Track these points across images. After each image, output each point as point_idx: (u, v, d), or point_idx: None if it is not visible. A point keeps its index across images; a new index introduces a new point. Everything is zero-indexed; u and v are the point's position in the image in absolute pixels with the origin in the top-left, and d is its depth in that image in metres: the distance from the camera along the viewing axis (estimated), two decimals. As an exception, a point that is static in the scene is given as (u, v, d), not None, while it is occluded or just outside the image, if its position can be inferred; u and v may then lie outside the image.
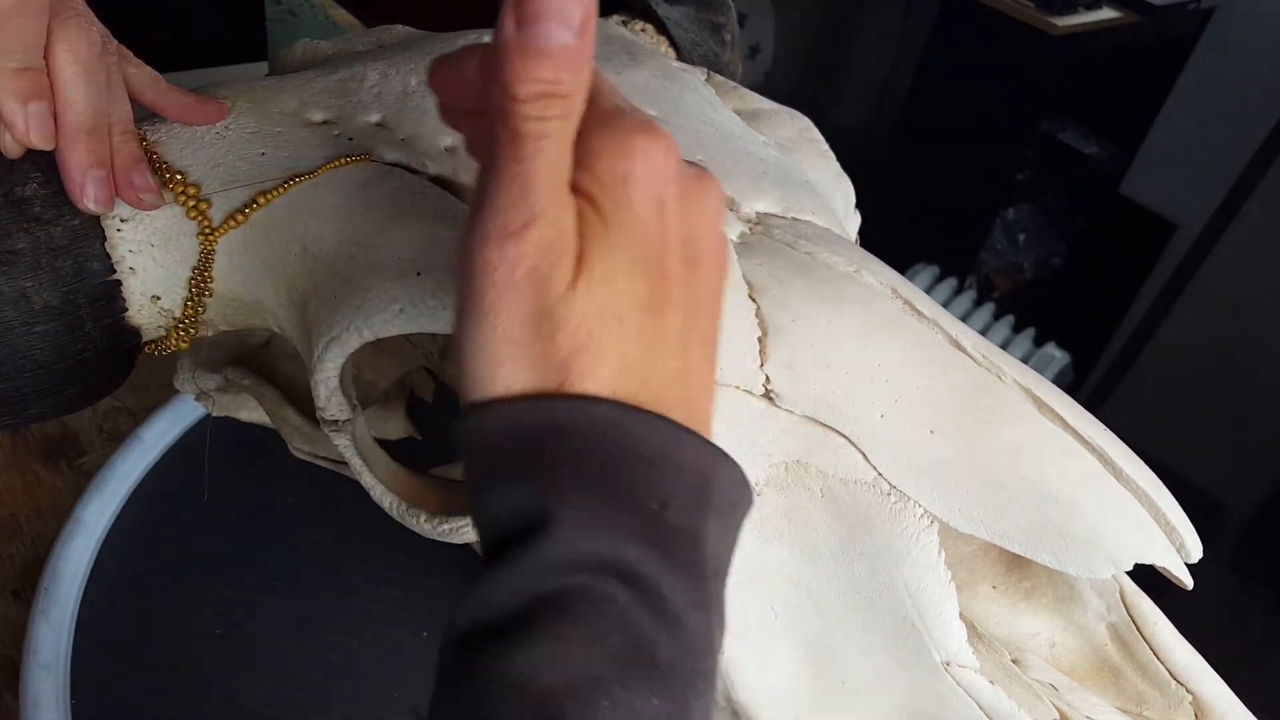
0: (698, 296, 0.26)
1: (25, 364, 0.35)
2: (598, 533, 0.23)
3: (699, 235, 0.26)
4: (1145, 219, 1.77)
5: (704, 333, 0.27)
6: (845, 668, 0.37)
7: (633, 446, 0.24)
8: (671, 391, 0.25)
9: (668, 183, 0.25)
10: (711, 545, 0.25)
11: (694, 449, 0.25)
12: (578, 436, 0.24)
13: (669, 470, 0.24)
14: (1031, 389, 0.36)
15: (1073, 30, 1.53)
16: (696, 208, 0.26)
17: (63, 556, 0.52)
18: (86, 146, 0.34)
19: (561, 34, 0.23)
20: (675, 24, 0.53)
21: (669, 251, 0.25)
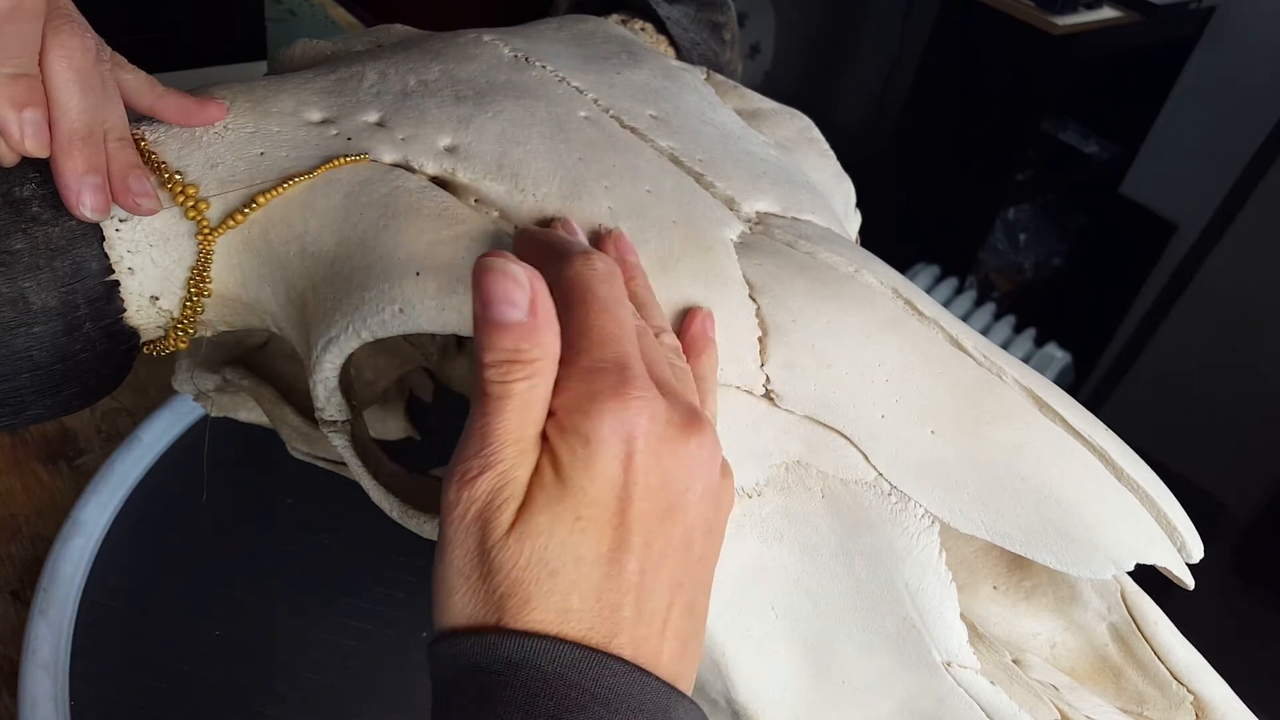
0: (666, 544, 0.27)
1: (24, 365, 0.35)
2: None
3: (672, 484, 0.27)
4: (1146, 219, 1.77)
5: (672, 578, 0.27)
6: (845, 667, 0.37)
7: (583, 686, 0.24)
8: (624, 635, 0.26)
9: (635, 439, 0.26)
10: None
11: (649, 689, 0.25)
12: (526, 676, 0.24)
13: (623, 710, 0.25)
14: (1032, 389, 0.36)
15: (1073, 30, 1.53)
16: (671, 458, 0.27)
17: (61, 557, 0.52)
18: (82, 153, 0.34)
19: (513, 313, 0.26)
20: (675, 23, 0.53)
21: (631, 503, 0.26)
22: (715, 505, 0.29)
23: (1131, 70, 1.73)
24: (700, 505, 0.28)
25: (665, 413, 0.27)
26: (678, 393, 0.28)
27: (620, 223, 0.37)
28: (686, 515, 0.27)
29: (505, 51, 0.44)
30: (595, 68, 0.44)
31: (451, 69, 0.42)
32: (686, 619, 0.28)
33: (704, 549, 0.29)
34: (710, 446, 0.28)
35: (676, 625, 0.27)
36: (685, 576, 0.28)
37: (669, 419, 0.27)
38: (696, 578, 0.28)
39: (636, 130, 0.41)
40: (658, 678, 0.26)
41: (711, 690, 0.39)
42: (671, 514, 0.27)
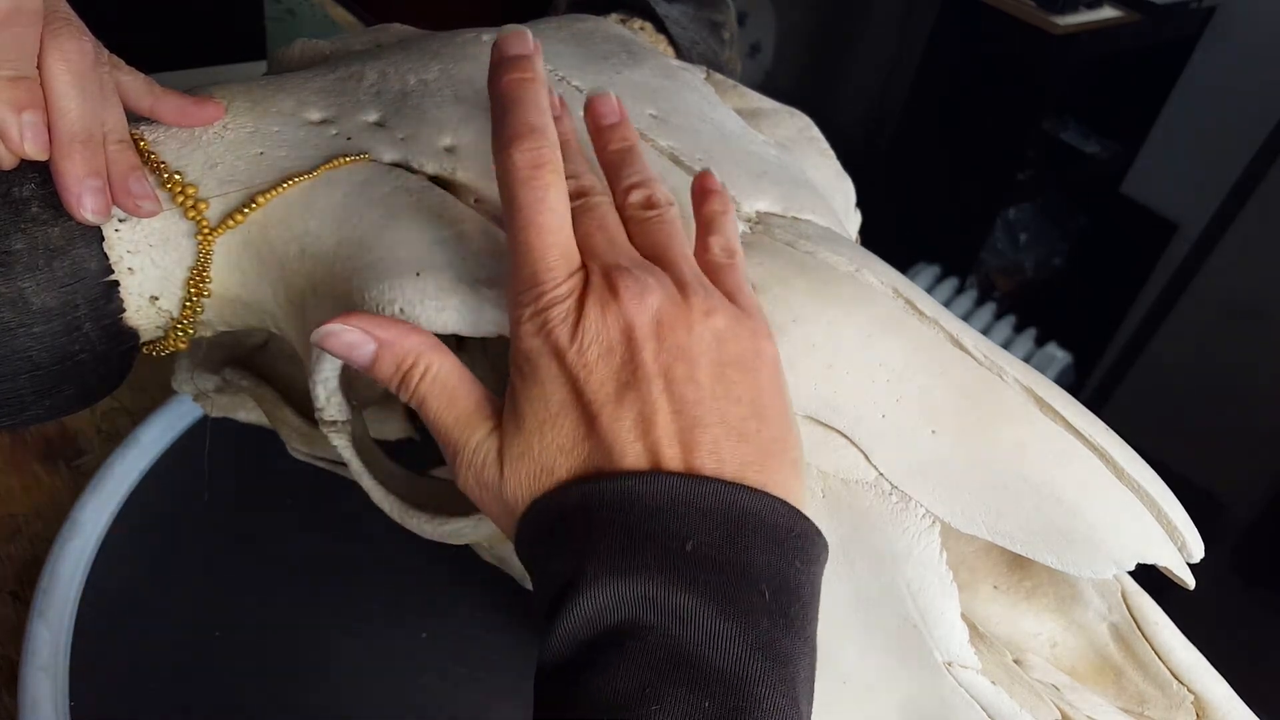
0: (605, 390, 0.29)
1: (23, 365, 0.35)
2: (619, 579, 0.27)
3: (614, 347, 0.29)
4: (1146, 219, 1.77)
5: (653, 409, 0.29)
6: (846, 667, 0.37)
7: (645, 504, 0.28)
8: (672, 456, 0.29)
9: (557, 332, 0.29)
10: (763, 572, 0.28)
11: (712, 494, 0.28)
12: (599, 507, 0.28)
13: (689, 515, 0.27)
14: (1033, 388, 0.36)
15: (1073, 29, 1.53)
16: (615, 319, 0.29)
17: (61, 557, 0.52)
18: (82, 156, 0.34)
19: (366, 350, 0.32)
20: (674, 22, 0.53)
21: (580, 382, 0.29)
22: (685, 328, 0.30)
23: (1132, 70, 1.73)
24: (659, 338, 0.30)
25: (583, 292, 0.30)
26: (610, 255, 0.31)
27: (620, 222, 0.37)
28: (645, 353, 0.29)
29: (505, 51, 0.44)
30: (595, 67, 0.44)
31: (451, 68, 0.42)
32: (710, 423, 0.30)
33: (691, 366, 0.30)
34: (644, 284, 0.30)
35: (702, 431, 0.29)
36: (683, 395, 0.29)
37: (592, 291, 0.30)
38: (699, 389, 0.30)
39: (636, 129, 0.41)
40: (714, 480, 0.28)
41: (712, 690, 0.39)
42: (623, 369, 0.29)
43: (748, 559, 0.27)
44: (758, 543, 0.28)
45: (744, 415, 0.30)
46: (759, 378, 0.31)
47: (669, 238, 0.33)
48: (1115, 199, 1.81)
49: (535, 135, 0.31)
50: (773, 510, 0.29)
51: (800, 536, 0.29)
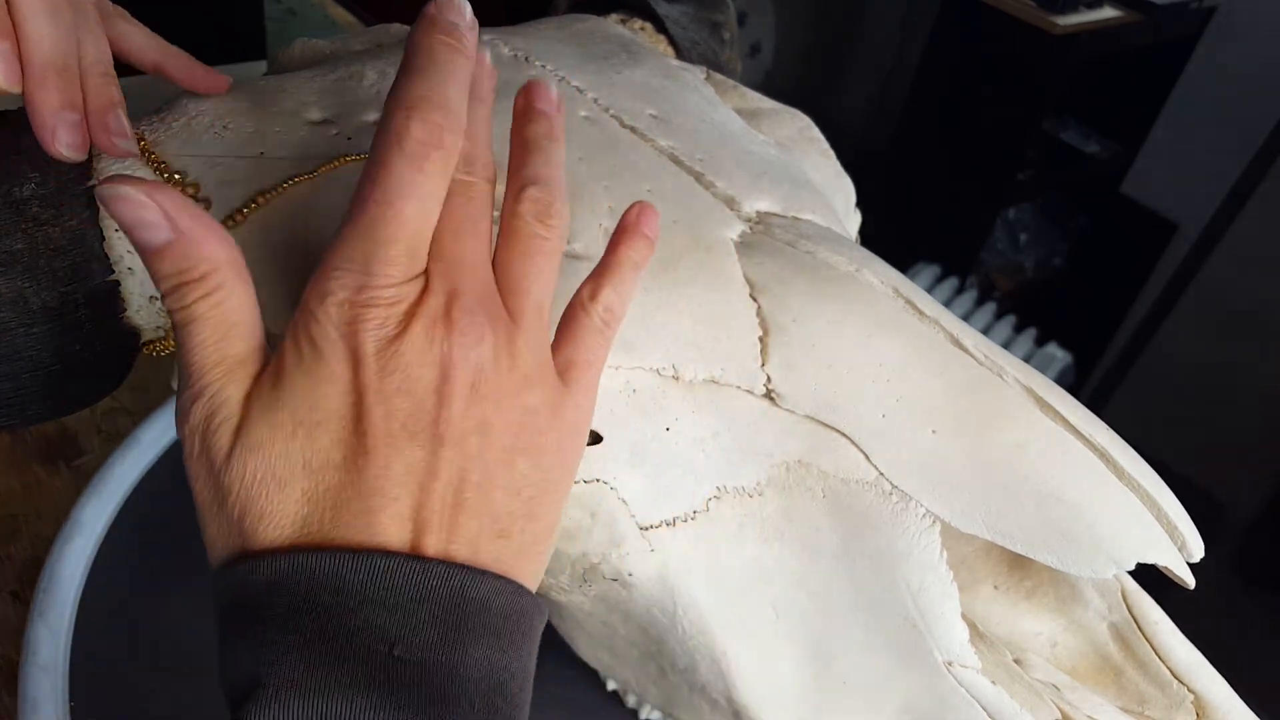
0: (397, 450, 0.25)
1: (23, 365, 0.35)
2: (310, 691, 0.23)
3: (416, 384, 0.25)
4: (1146, 219, 1.77)
5: (412, 483, 0.25)
6: (847, 668, 0.37)
7: (347, 591, 0.24)
8: (375, 537, 0.25)
9: (362, 341, 0.25)
10: (477, 670, 0.25)
11: (427, 577, 0.24)
12: (286, 593, 0.24)
13: (396, 608, 0.24)
14: (1033, 388, 0.36)
15: (1073, 29, 1.53)
16: (415, 355, 0.25)
17: (61, 557, 0.52)
18: (56, 86, 0.31)
19: (156, 235, 0.26)
20: (674, 22, 0.53)
21: (366, 408, 0.25)
22: (492, 396, 0.26)
23: (1132, 70, 1.73)
24: (465, 398, 0.26)
25: (410, 308, 0.25)
26: (461, 276, 0.26)
27: (620, 222, 0.37)
28: (449, 408, 0.25)
29: (505, 51, 0.44)
30: (595, 67, 0.44)
31: (451, 69, 0.42)
32: (490, 502, 0.26)
33: (487, 443, 0.26)
34: (465, 336, 0.26)
35: (474, 511, 0.26)
36: (468, 465, 0.26)
37: (423, 312, 0.25)
38: (485, 472, 0.26)
39: (636, 130, 0.41)
40: (445, 562, 0.25)
41: (712, 690, 0.39)
42: (420, 412, 0.25)
43: (462, 658, 0.24)
44: (477, 636, 0.25)
45: (515, 512, 0.27)
46: (549, 473, 0.28)
47: (539, 272, 0.28)
48: (1115, 199, 1.81)
49: (444, 112, 0.26)
50: (498, 593, 0.26)
51: (519, 617, 0.26)
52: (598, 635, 0.42)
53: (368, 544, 0.25)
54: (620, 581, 0.37)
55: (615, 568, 0.37)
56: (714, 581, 0.37)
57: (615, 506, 0.36)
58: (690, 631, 0.37)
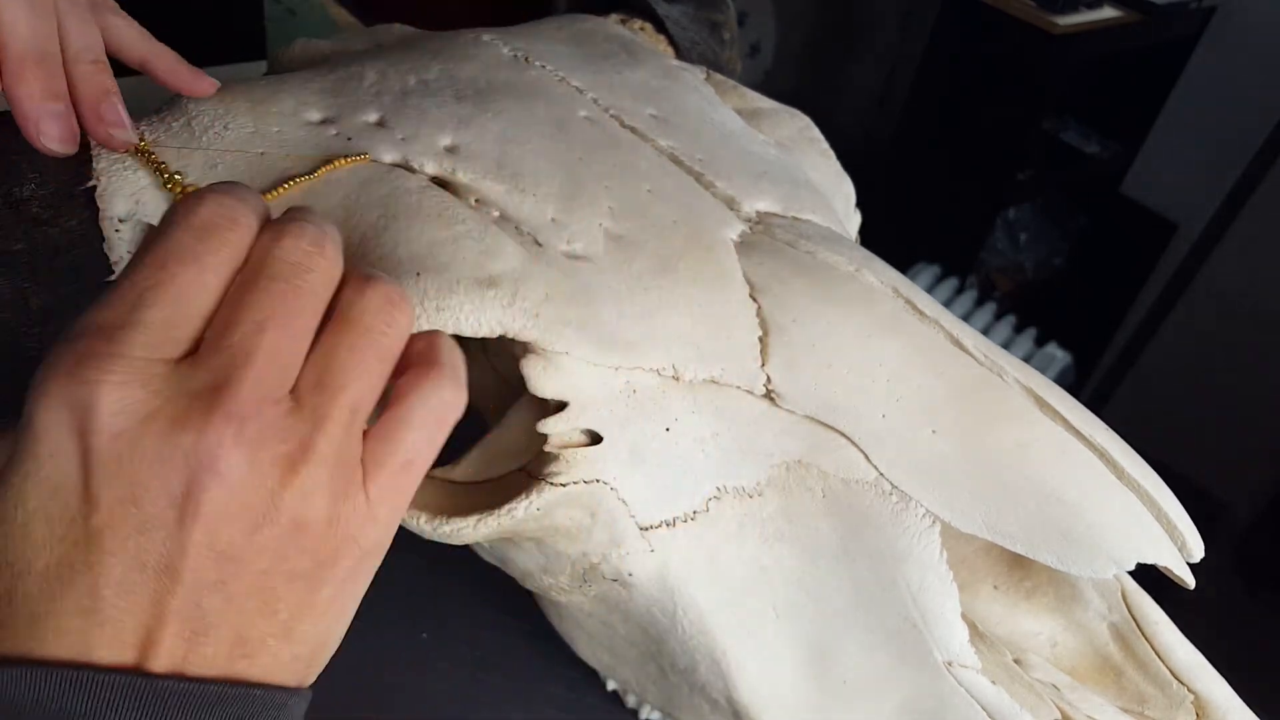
0: (110, 567, 0.22)
1: (24, 366, 0.35)
2: None
3: (138, 499, 0.22)
4: (1146, 219, 1.77)
5: (130, 603, 0.22)
6: (847, 667, 0.37)
7: (46, 707, 0.21)
8: (81, 651, 0.22)
9: (95, 438, 0.21)
10: None
11: (150, 693, 0.22)
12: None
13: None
14: (1033, 388, 0.36)
15: (1074, 29, 1.53)
16: (146, 451, 0.22)
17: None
18: (36, 77, 0.30)
19: None
20: (674, 22, 0.53)
21: (73, 514, 0.22)
22: (252, 515, 0.23)
23: (1132, 70, 1.73)
24: (214, 518, 0.22)
25: (152, 400, 0.22)
26: (193, 377, 0.22)
27: (621, 222, 0.37)
28: (191, 528, 0.22)
29: (505, 51, 0.44)
30: (595, 67, 0.44)
31: (451, 68, 0.42)
32: (235, 624, 0.23)
33: (234, 571, 0.23)
34: (224, 444, 0.22)
35: (215, 634, 0.23)
36: (206, 591, 0.22)
37: (157, 409, 0.22)
38: (236, 588, 0.23)
39: (636, 130, 0.41)
40: (174, 677, 0.22)
41: (712, 690, 0.39)
42: (148, 530, 0.22)
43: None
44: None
45: (268, 633, 0.24)
46: (315, 595, 0.24)
47: (364, 371, 0.25)
48: (1115, 199, 1.81)
49: (239, 199, 0.25)
50: (272, 707, 0.24)
51: (278, 710, 0.24)
52: (598, 635, 0.42)
53: (70, 659, 0.22)
54: (620, 581, 0.37)
55: (615, 568, 0.37)
56: (714, 581, 0.37)
57: (615, 506, 0.36)
58: (690, 631, 0.37)
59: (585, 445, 0.35)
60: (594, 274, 0.35)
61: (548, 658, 0.49)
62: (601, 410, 0.35)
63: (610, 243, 0.36)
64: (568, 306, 0.34)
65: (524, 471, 0.37)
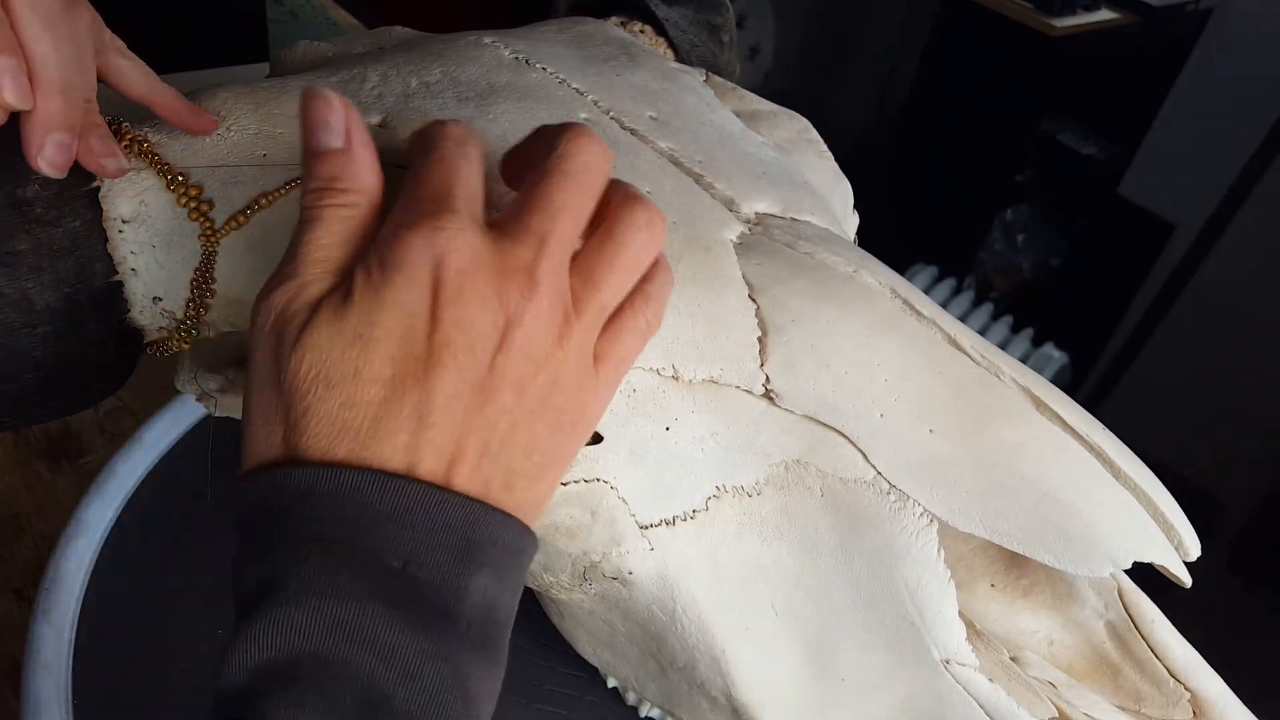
0: (465, 381, 0.26)
1: (27, 365, 0.35)
2: (326, 596, 0.24)
3: (473, 324, 0.26)
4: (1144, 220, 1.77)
5: (481, 414, 0.27)
6: (845, 665, 0.37)
7: (372, 506, 0.25)
8: (406, 457, 0.26)
9: (442, 268, 0.26)
10: (477, 596, 0.26)
11: (447, 506, 0.26)
12: (315, 502, 0.25)
13: (413, 529, 0.25)
14: (1030, 388, 0.36)
15: (1071, 31, 1.53)
16: (476, 297, 0.26)
17: (64, 556, 0.52)
18: (57, 106, 0.32)
19: (330, 139, 0.29)
20: (673, 25, 0.53)
21: (429, 332, 0.26)
22: (537, 360, 0.27)
23: (1130, 71, 1.73)
24: (516, 353, 0.27)
25: (484, 251, 0.26)
26: (514, 244, 0.27)
27: (621, 223, 0.37)
28: (501, 356, 0.27)
29: (506, 53, 0.44)
30: (595, 69, 0.45)
31: (453, 71, 0.42)
32: (508, 454, 0.28)
33: (519, 402, 0.27)
34: (533, 299, 0.27)
35: (494, 458, 0.27)
36: (500, 415, 0.27)
37: (487, 259, 0.26)
38: (512, 426, 0.27)
39: (636, 131, 0.42)
40: (463, 496, 0.26)
41: (712, 688, 0.39)
42: (473, 350, 0.26)
43: (465, 583, 0.26)
44: (480, 565, 0.26)
45: (523, 471, 0.28)
46: (560, 446, 0.29)
47: (624, 281, 0.30)
48: (1113, 200, 1.82)
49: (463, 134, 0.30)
50: (505, 531, 0.27)
51: (518, 555, 0.28)
52: (598, 633, 0.42)
53: (395, 465, 0.26)
54: (620, 580, 0.38)
55: (615, 566, 0.37)
56: (713, 580, 0.37)
57: (615, 505, 0.36)
58: (690, 629, 0.38)
59: (585, 444, 0.36)
60: (595, 275, 0.35)
61: (548, 655, 0.50)
62: (602, 410, 0.35)
63: (611, 244, 0.37)
64: (568, 307, 0.34)
65: (525, 471, 0.37)
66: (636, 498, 0.36)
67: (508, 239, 0.27)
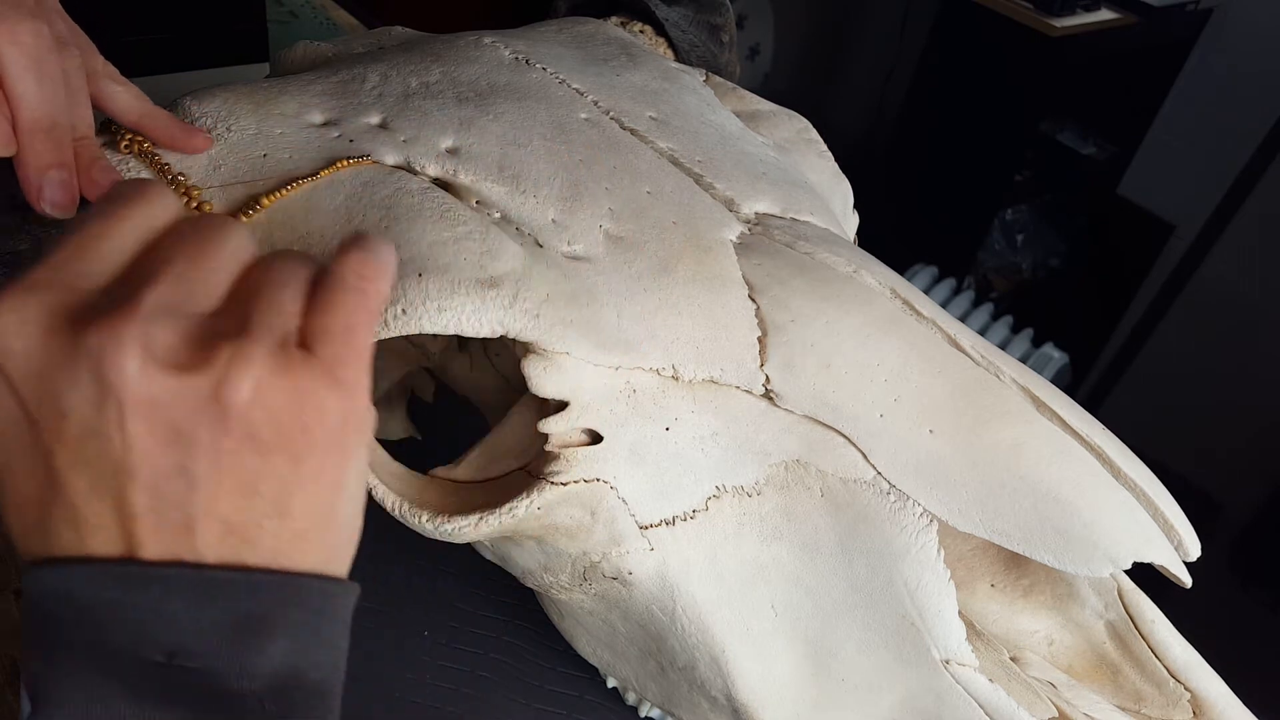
0: (61, 457, 0.23)
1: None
2: (76, 704, 0.23)
3: (58, 399, 0.23)
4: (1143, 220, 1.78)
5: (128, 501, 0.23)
6: (845, 665, 0.37)
7: (119, 602, 0.23)
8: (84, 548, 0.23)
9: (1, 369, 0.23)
10: (271, 668, 0.24)
11: (209, 585, 0.23)
12: (67, 604, 0.23)
13: (174, 620, 0.23)
14: (1030, 388, 0.36)
15: (1071, 31, 1.53)
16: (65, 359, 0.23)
17: (64, 557, 0.52)
18: (45, 146, 0.32)
19: None
20: (674, 25, 0.53)
21: (33, 447, 0.23)
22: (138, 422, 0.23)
23: (1129, 72, 1.73)
24: (144, 412, 0.23)
25: (47, 314, 0.23)
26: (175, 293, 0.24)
27: (621, 224, 0.37)
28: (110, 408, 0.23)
29: (506, 54, 0.44)
30: (595, 70, 0.45)
31: (452, 71, 0.42)
32: (204, 523, 0.24)
33: (189, 454, 0.23)
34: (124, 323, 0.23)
35: (184, 534, 0.24)
36: (161, 485, 0.23)
37: (58, 319, 0.23)
38: (190, 483, 0.24)
39: (636, 132, 0.42)
40: (227, 568, 0.24)
41: (712, 688, 0.39)
42: (82, 421, 0.23)
43: (255, 660, 0.24)
44: (269, 638, 0.24)
45: (256, 514, 0.24)
46: (299, 468, 0.25)
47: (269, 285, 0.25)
48: (1112, 200, 1.82)
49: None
50: (292, 590, 0.25)
51: (320, 611, 0.26)
52: (598, 633, 0.43)
53: (90, 556, 0.23)
54: (620, 580, 0.38)
55: (615, 566, 0.37)
56: (713, 580, 0.37)
57: (615, 505, 0.36)
58: (689, 629, 0.38)
59: (586, 445, 0.36)
60: (594, 275, 0.36)
61: (548, 655, 0.50)
62: (602, 410, 0.35)
63: (610, 244, 0.37)
64: (568, 307, 0.34)
65: (525, 471, 0.37)
66: (636, 498, 0.36)
67: (86, 304, 0.24)
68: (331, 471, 0.26)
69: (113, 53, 0.37)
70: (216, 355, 0.23)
